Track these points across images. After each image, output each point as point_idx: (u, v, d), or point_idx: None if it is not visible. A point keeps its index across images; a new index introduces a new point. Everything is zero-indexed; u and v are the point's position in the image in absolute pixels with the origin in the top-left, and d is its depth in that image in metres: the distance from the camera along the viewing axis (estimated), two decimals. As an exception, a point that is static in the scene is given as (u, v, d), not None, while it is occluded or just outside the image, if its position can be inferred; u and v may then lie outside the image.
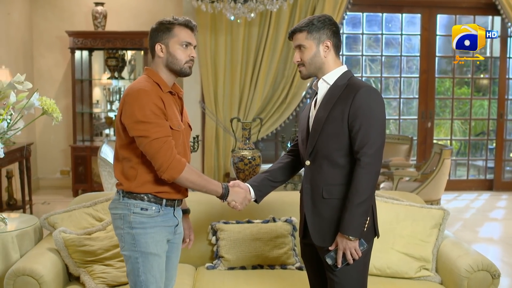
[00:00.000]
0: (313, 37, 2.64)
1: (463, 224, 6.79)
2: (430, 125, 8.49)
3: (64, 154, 8.18)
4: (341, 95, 2.58)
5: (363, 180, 2.50)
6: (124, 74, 8.11)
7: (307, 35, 2.64)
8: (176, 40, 2.58)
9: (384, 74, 8.77)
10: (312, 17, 2.67)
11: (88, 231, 3.32)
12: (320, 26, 2.63)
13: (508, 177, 8.94)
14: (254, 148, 4.24)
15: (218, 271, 3.46)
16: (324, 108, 2.61)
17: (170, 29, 2.58)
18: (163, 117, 2.49)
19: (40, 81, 7.88)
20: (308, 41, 2.65)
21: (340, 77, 2.65)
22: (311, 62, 2.67)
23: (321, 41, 2.64)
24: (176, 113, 2.60)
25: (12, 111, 3.19)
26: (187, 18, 2.64)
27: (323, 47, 2.64)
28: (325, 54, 2.65)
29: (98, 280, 3.15)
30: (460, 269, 3.08)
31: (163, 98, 2.51)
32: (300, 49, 2.68)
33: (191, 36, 2.63)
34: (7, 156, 5.95)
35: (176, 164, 2.48)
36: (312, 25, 2.63)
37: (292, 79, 7.38)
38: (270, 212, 3.64)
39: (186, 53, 2.60)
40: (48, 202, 7.29)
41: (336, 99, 2.59)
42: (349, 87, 2.58)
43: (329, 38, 2.64)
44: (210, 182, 2.67)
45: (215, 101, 7.39)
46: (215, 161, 7.50)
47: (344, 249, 2.53)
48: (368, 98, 2.53)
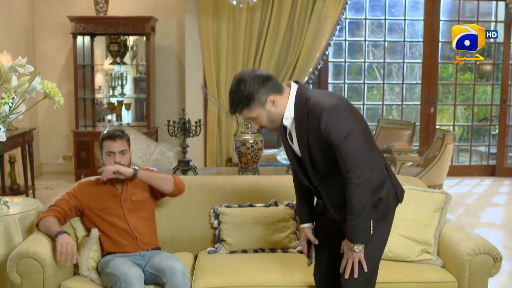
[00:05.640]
0: (255, 106, 2.50)
1: (465, 209, 6.79)
2: (432, 111, 8.47)
3: (67, 140, 8.19)
4: (308, 125, 2.50)
5: (356, 196, 2.45)
6: (126, 60, 8.09)
7: (249, 109, 2.52)
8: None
9: (387, 59, 8.75)
10: (238, 87, 2.48)
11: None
12: (251, 95, 2.47)
13: (511, 163, 8.92)
14: (256, 132, 4.22)
15: (220, 254, 3.47)
16: (301, 141, 2.55)
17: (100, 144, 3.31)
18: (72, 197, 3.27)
19: (42, 66, 7.85)
20: (254, 111, 2.52)
21: (296, 105, 2.53)
22: (270, 121, 2.57)
23: (264, 102, 2.50)
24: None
25: (14, 94, 3.18)
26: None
27: (269, 105, 2.51)
28: (275, 106, 2.52)
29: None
30: (462, 252, 3.08)
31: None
32: (253, 120, 2.59)
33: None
34: (10, 141, 5.95)
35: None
36: (244, 100, 2.48)
37: (295, 65, 7.36)
38: (272, 196, 3.64)
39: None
40: (51, 187, 7.31)
41: (306, 130, 2.51)
42: (311, 114, 2.47)
43: (267, 93, 2.49)
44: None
45: (217, 86, 7.37)
46: (217, 146, 7.50)
47: (348, 259, 2.55)
48: (331, 121, 2.41)
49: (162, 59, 8.14)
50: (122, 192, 3.29)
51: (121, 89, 8.05)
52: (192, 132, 4.21)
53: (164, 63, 8.16)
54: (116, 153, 3.23)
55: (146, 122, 7.91)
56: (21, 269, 2.90)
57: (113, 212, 3.25)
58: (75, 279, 3.09)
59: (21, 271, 2.90)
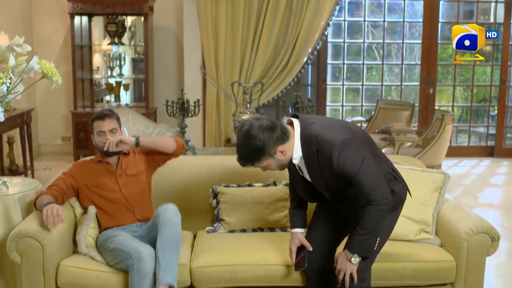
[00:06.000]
0: (265, 158, 2.60)
1: (464, 190, 6.81)
2: (432, 92, 8.45)
3: (65, 120, 8.18)
4: (319, 161, 2.59)
5: (373, 217, 2.56)
6: (124, 40, 8.05)
7: (259, 162, 2.62)
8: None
9: (386, 40, 8.71)
10: (247, 141, 2.56)
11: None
12: (261, 150, 2.56)
13: (509, 143, 8.92)
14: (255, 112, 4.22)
15: (219, 234, 3.49)
16: (313, 174, 2.67)
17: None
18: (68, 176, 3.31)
19: (40, 47, 7.80)
20: (264, 162, 2.62)
21: (304, 145, 2.61)
22: (280, 166, 2.68)
23: (274, 154, 2.59)
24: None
25: (11, 74, 3.17)
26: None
27: (278, 155, 2.60)
28: (284, 154, 2.61)
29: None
30: (460, 231, 3.09)
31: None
32: (263, 167, 2.68)
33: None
34: (8, 121, 5.94)
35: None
36: (255, 155, 2.59)
37: (294, 45, 7.31)
38: (271, 175, 3.63)
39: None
40: (50, 168, 7.31)
41: (318, 165, 2.60)
42: (320, 151, 2.56)
43: (275, 145, 2.58)
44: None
45: (216, 67, 7.34)
46: (216, 127, 7.48)
47: (341, 271, 2.65)
48: (342, 156, 2.50)
49: (161, 40, 8.10)
50: (117, 168, 3.34)
51: (119, 69, 8.02)
52: (190, 112, 4.21)
53: (162, 44, 8.12)
54: (106, 132, 3.27)
55: (144, 103, 7.90)
56: (20, 249, 2.92)
57: (110, 187, 3.29)
58: (74, 257, 3.11)
59: (21, 250, 2.92)
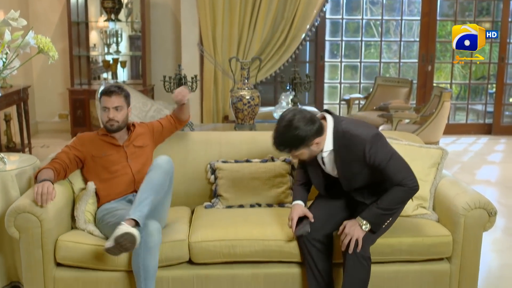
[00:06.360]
0: (302, 148, 2.78)
1: (461, 167, 6.83)
2: (430, 69, 8.42)
3: (62, 98, 8.14)
4: (349, 155, 2.79)
5: (399, 198, 2.81)
6: (121, 17, 7.98)
7: (297, 150, 2.79)
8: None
9: (385, 16, 8.64)
10: (288, 129, 2.72)
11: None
12: (301, 141, 2.74)
13: (507, 121, 8.92)
14: (253, 88, 4.20)
15: (216, 209, 3.49)
16: (342, 168, 2.85)
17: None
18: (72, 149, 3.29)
19: (36, 24, 7.73)
20: (299, 151, 2.80)
21: (335, 139, 2.81)
22: (311, 156, 2.87)
23: (310, 144, 2.78)
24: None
25: (7, 49, 3.15)
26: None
27: (313, 146, 2.80)
28: (318, 146, 2.81)
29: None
30: (457, 206, 3.10)
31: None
32: (294, 156, 2.86)
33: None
34: (5, 98, 5.92)
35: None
36: (294, 144, 2.76)
37: (292, 21, 7.26)
38: (269, 151, 3.64)
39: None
40: (48, 146, 7.30)
41: (347, 159, 2.81)
42: (352, 146, 2.76)
43: (314, 138, 2.76)
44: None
45: (214, 44, 7.29)
46: (214, 104, 7.45)
47: (348, 235, 2.78)
48: (374, 149, 2.73)
49: (158, 16, 8.03)
50: (127, 139, 3.36)
51: (116, 46, 7.97)
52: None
53: (159, 20, 8.05)
54: (110, 108, 3.25)
55: (142, 80, 7.87)
56: (19, 224, 2.92)
57: (115, 159, 3.29)
58: (72, 232, 3.11)
59: (19, 225, 2.92)
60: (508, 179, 6.40)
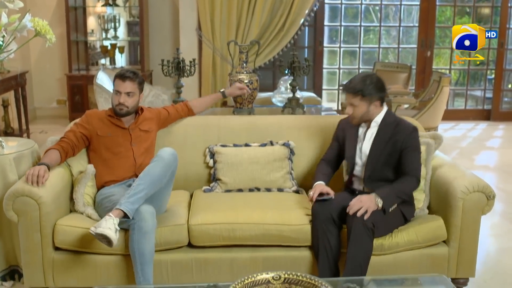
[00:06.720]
0: (365, 100, 3.03)
1: (460, 152, 6.83)
2: (429, 54, 8.40)
3: (60, 83, 8.11)
4: (392, 134, 3.08)
5: (409, 187, 3.09)
6: (119, 2, 7.94)
7: (361, 98, 3.03)
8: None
9: (384, 1, 8.59)
10: (365, 79, 3.03)
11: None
12: (372, 92, 3.02)
13: (506, 107, 8.92)
14: (251, 72, 4.18)
15: (215, 193, 3.49)
16: (378, 143, 3.11)
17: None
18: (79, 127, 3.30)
19: (33, 9, 7.59)
20: (361, 102, 3.04)
21: (387, 116, 3.13)
22: (362, 117, 3.10)
23: (372, 102, 3.05)
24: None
25: (4, 32, 3.13)
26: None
27: (373, 106, 3.07)
28: (374, 110, 3.09)
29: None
30: (456, 190, 3.09)
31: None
32: (352, 105, 3.07)
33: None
34: (2, 84, 5.90)
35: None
36: (363, 91, 3.01)
37: (290, 6, 7.23)
38: (268, 136, 3.64)
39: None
40: (46, 131, 7.28)
41: (389, 136, 3.08)
42: (400, 126, 3.10)
43: (379, 98, 3.06)
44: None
45: (212, 29, 7.26)
46: (212, 89, 7.43)
47: (361, 203, 2.91)
48: (415, 137, 3.09)
49: (155, 1, 7.99)
50: (133, 122, 3.36)
51: (114, 32, 7.93)
52: (186, 71, 4.17)
53: (157, 5, 8.01)
54: (122, 93, 3.25)
55: (140, 65, 7.84)
56: (17, 207, 2.91)
57: (120, 140, 3.30)
58: (71, 216, 3.11)
59: (18, 209, 2.91)
60: (506, 165, 6.41)
